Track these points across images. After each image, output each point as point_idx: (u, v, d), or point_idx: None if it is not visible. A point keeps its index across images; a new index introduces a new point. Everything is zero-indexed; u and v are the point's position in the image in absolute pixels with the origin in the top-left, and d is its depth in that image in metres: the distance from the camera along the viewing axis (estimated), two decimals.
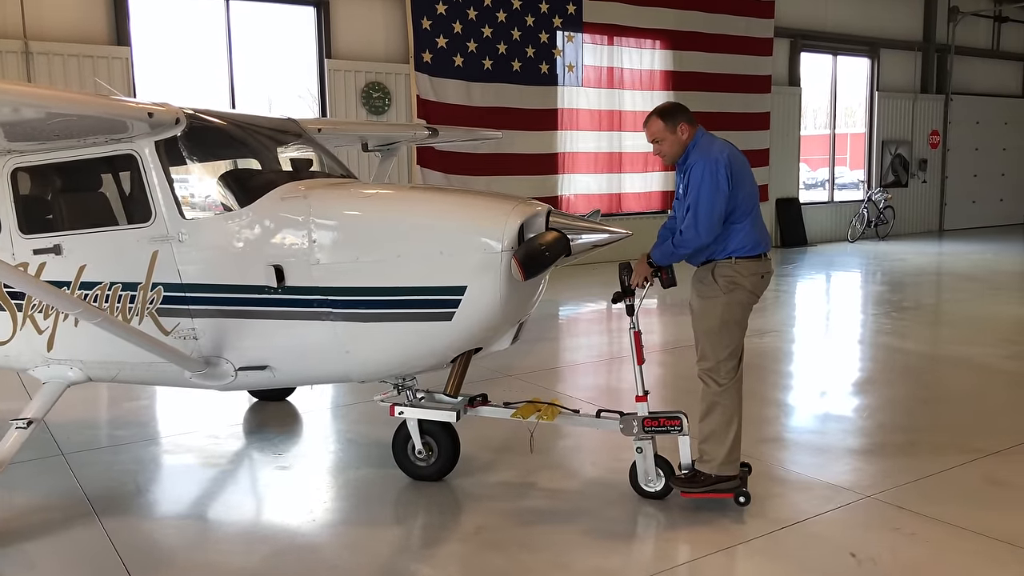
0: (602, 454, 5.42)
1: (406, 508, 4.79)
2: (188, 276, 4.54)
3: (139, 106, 4.27)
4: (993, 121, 22.34)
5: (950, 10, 20.73)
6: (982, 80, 22.19)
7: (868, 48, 19.68)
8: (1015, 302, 11.51)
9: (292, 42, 13.22)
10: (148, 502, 4.93)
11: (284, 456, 5.64)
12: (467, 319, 4.22)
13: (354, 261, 4.28)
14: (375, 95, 13.18)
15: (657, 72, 16.02)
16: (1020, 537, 4.13)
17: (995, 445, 5.46)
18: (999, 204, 22.88)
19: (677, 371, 7.64)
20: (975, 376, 7.52)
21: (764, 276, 4.52)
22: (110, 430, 6.24)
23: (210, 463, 5.54)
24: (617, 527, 4.40)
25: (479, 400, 4.89)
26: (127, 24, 11.40)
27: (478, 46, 13.85)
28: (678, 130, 4.49)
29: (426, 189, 5.44)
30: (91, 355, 4.82)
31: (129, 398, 6.90)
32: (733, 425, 4.46)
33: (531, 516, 4.55)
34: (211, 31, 12.28)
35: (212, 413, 6.49)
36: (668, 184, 16.34)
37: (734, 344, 4.46)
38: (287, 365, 4.62)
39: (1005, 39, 22.42)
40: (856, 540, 4.16)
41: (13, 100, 3.62)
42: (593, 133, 15.41)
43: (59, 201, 5.11)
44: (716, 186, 4.30)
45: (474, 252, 4.14)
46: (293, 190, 4.53)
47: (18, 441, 4.48)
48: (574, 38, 14.89)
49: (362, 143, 7.71)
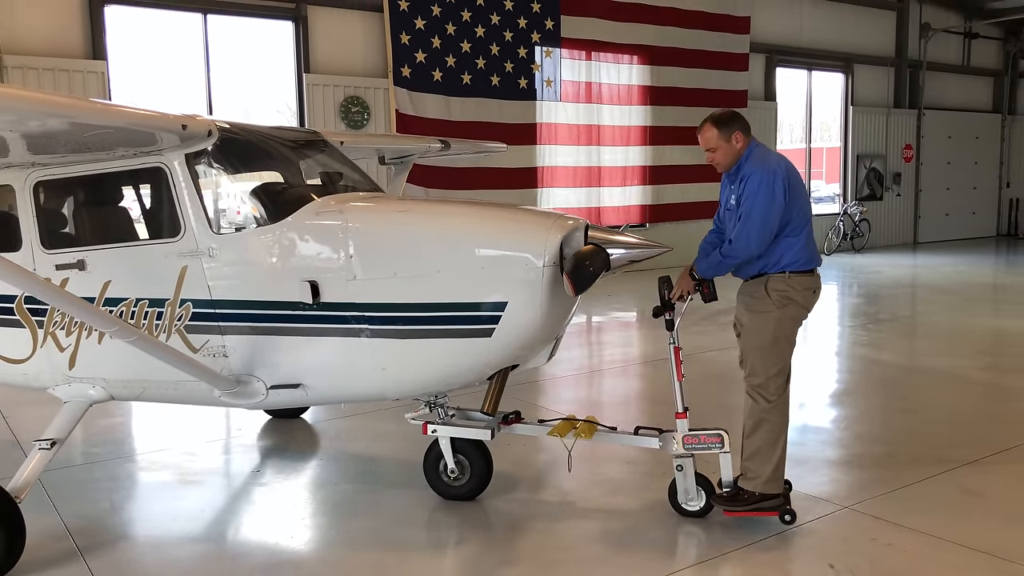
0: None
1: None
2: (219, 292, 4.42)
3: (172, 118, 4.13)
4: (965, 135, 22.71)
5: (921, 26, 21.10)
6: (953, 95, 22.57)
7: (842, 63, 19.97)
8: (988, 314, 11.67)
9: (270, 56, 13.21)
10: (123, 521, 4.86)
11: (262, 472, 5.59)
12: (507, 335, 4.14)
13: (392, 276, 4.18)
14: (354, 109, 13.18)
15: (635, 87, 16.15)
16: (996, 547, 4.17)
17: (970, 455, 5.52)
18: (972, 217, 23.23)
19: (656, 384, 7.66)
20: (950, 387, 7.60)
21: (815, 291, 4.44)
22: (85, 447, 6.15)
23: (186, 480, 5.48)
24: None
25: (512, 417, 4.80)
26: (103, 38, 11.33)
27: (457, 61, 13.91)
28: (732, 139, 4.40)
29: (463, 203, 5.32)
30: (115, 373, 4.69)
31: (104, 415, 6.80)
32: (780, 442, 4.39)
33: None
34: (189, 45, 12.24)
35: (188, 429, 6.42)
36: (647, 198, 16.47)
37: (784, 360, 4.40)
38: (321, 383, 4.48)
39: (975, 55, 22.83)
40: (834, 551, 4.18)
41: (38, 110, 3.46)
42: (572, 147, 15.50)
43: (83, 215, 4.98)
44: (772, 197, 4.24)
45: (515, 267, 4.06)
46: (329, 204, 4.44)
47: (42, 462, 4.36)
48: (552, 53, 14.99)
49: (379, 156, 7.68)
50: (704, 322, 10.61)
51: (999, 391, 7.57)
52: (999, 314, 11.91)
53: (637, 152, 16.32)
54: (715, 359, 8.60)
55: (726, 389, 7.68)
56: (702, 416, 5.17)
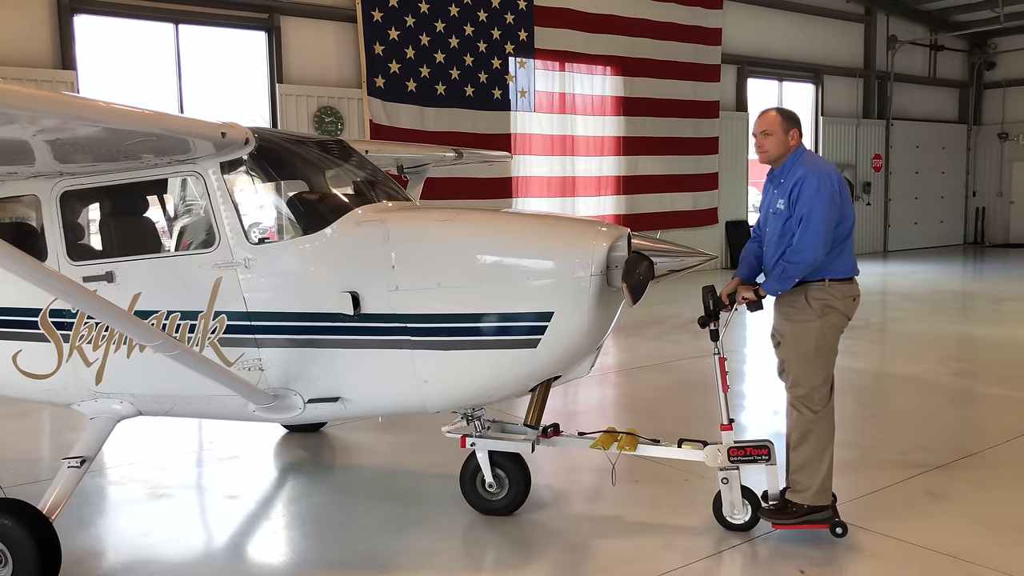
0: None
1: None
2: (255, 304, 4.30)
3: (211, 125, 3.98)
4: (932, 145, 23.10)
5: (889, 38, 21.47)
6: (920, 106, 22.97)
7: (812, 74, 20.25)
8: (956, 321, 11.85)
9: (243, 66, 13.15)
10: (92, 536, 4.80)
11: (233, 485, 5.54)
12: (552, 346, 4.06)
13: (435, 287, 4.10)
14: (327, 119, 13.15)
15: (608, 98, 16.27)
16: (963, 551, 4.24)
17: (937, 459, 5.61)
18: (940, 225, 23.61)
19: (633, 391, 7.69)
20: (919, 393, 7.71)
21: (855, 299, 4.41)
22: (52, 462, 6.05)
23: (157, 494, 5.41)
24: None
25: (552, 430, 4.73)
26: (72, 48, 11.23)
27: (431, 71, 13.94)
28: (790, 133, 4.35)
29: (505, 212, 5.24)
30: (144, 388, 4.55)
31: (72, 428, 6.70)
32: (827, 453, 4.34)
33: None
34: (160, 55, 12.15)
35: (158, 443, 6.35)
36: (621, 208, 16.55)
37: (828, 370, 4.35)
38: (360, 396, 4.36)
39: (941, 67, 23.27)
40: (805, 557, 4.22)
41: (62, 112, 3.22)
42: (546, 158, 15.57)
43: (112, 226, 4.80)
44: (831, 200, 4.19)
45: (562, 277, 4.00)
46: (370, 214, 4.37)
47: (72, 481, 4.25)
48: (526, 64, 15.07)
49: (397, 165, 7.66)
50: (677, 331, 10.69)
51: (966, 396, 7.70)
52: (966, 320, 12.11)
53: (611, 162, 16.43)
54: (689, 367, 8.67)
55: (702, 397, 7.73)
56: (679, 425, 5.22)
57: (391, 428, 6.46)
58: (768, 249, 4.45)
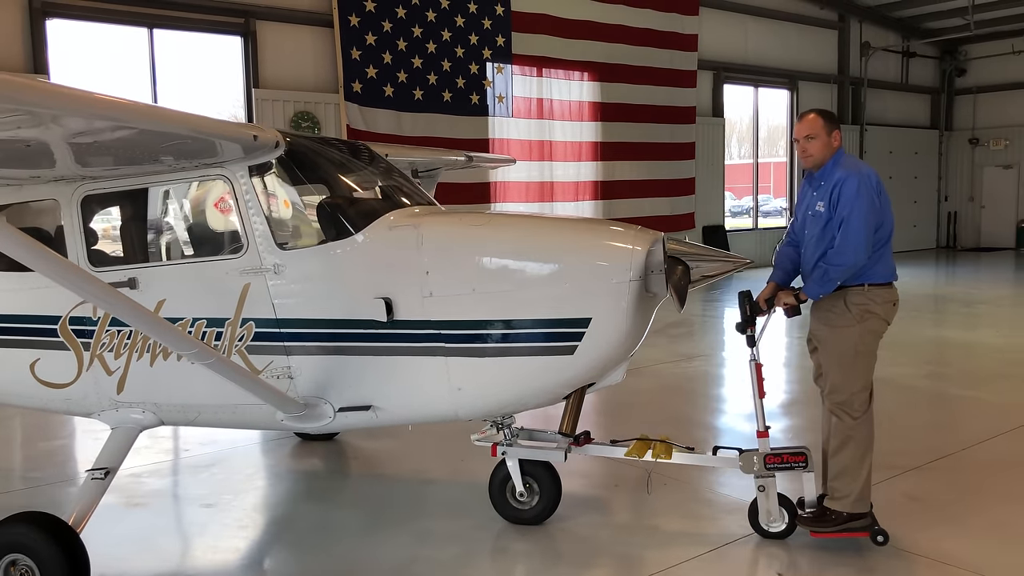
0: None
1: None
2: (284, 311, 4.19)
3: (243, 127, 3.85)
4: (905, 151, 23.40)
5: (862, 45, 21.74)
6: (893, 112, 23.26)
7: (787, 80, 20.45)
8: (930, 324, 11.99)
9: (219, 71, 13.05)
10: None
11: (210, 494, 5.48)
12: (590, 352, 3.99)
13: (470, 293, 4.01)
14: (304, 124, 13.08)
15: (586, 103, 16.33)
16: (941, 554, 4.28)
17: (913, 461, 5.66)
18: (913, 230, 23.87)
19: (608, 395, 7.70)
20: (894, 395, 7.76)
21: (895, 304, 4.36)
22: (24, 471, 5.96)
23: (132, 502, 5.34)
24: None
25: (583, 438, 4.62)
26: (44, 51, 11.08)
27: (408, 76, 13.91)
28: (833, 135, 4.32)
29: (540, 216, 5.12)
30: (168, 398, 4.44)
31: (45, 437, 6.61)
32: (867, 460, 4.29)
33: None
34: (134, 59, 12.03)
35: (133, 451, 6.24)
36: (599, 212, 16.60)
37: (867, 376, 4.30)
38: (392, 404, 4.25)
39: (913, 73, 23.59)
40: (783, 560, 4.25)
41: (83, 110, 3.01)
42: (524, 163, 15.58)
43: (134, 230, 4.66)
44: (872, 203, 4.15)
45: (601, 282, 3.93)
46: (403, 218, 4.27)
47: (97, 492, 4.17)
48: (504, 69, 15.09)
49: (412, 170, 7.59)
50: (655, 335, 10.71)
51: (940, 398, 7.79)
52: (940, 324, 12.26)
53: (589, 167, 16.48)
54: (668, 371, 8.70)
55: (682, 401, 7.77)
56: (659, 429, 5.22)
57: (373, 434, 6.42)
58: (807, 251, 4.39)
